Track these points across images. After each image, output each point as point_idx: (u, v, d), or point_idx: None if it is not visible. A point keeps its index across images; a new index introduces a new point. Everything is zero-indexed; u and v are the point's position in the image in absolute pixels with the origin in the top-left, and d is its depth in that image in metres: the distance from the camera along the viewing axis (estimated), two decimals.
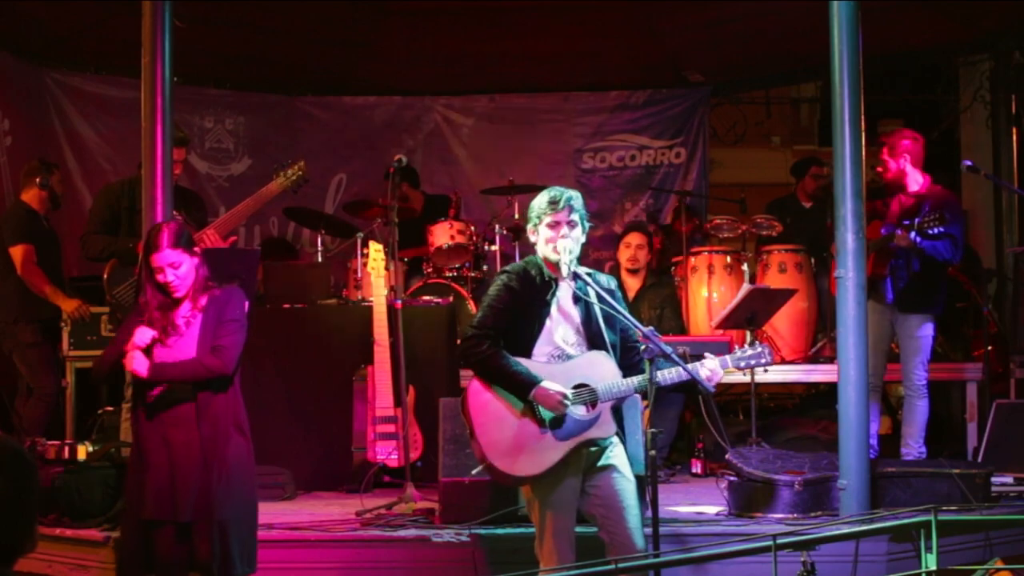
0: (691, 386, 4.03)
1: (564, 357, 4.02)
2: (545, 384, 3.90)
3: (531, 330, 4.02)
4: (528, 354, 4.01)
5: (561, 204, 4.02)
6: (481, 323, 4.04)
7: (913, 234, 5.83)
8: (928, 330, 6.11)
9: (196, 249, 4.38)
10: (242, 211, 6.17)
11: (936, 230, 5.79)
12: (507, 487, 4.24)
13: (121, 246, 5.82)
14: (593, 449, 4.00)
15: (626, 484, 4.02)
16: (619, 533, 3.96)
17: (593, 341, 4.04)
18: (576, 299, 4.07)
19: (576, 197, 4.08)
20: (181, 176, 6.35)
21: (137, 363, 4.20)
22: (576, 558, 3.96)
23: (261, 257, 6.94)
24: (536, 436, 3.93)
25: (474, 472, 4.23)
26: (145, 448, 4.28)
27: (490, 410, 3.98)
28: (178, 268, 4.26)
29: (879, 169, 6.19)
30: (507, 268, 4.18)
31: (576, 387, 3.95)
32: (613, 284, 4.16)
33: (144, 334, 4.25)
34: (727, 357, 4.08)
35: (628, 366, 4.05)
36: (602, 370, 3.99)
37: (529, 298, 4.04)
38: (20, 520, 2.29)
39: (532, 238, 4.13)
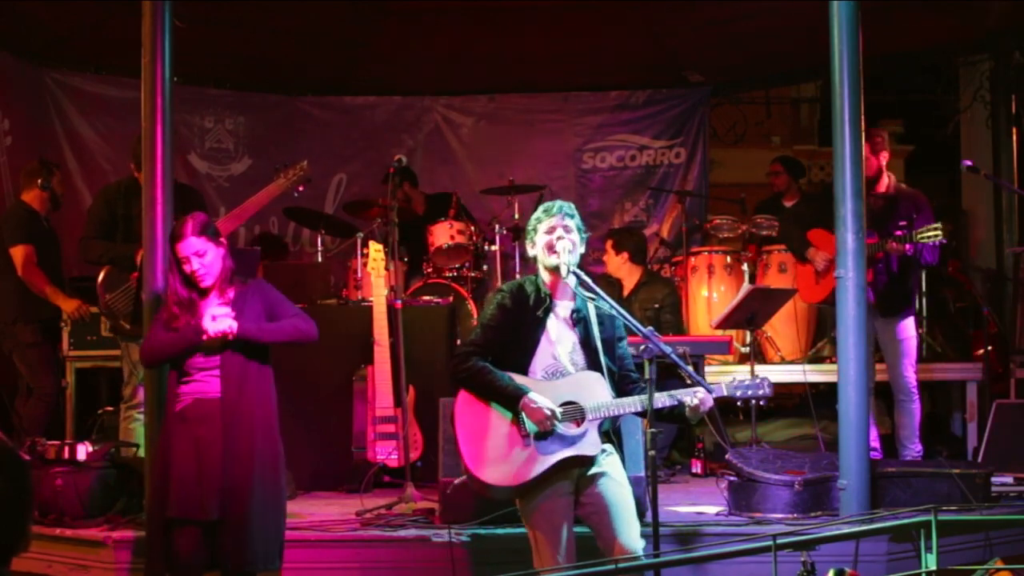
0: (678, 415, 4.00)
1: (560, 374, 4.02)
2: (532, 396, 3.90)
3: (527, 346, 4.03)
4: (524, 370, 4.01)
5: (554, 209, 4.07)
6: (471, 341, 4.08)
7: (908, 245, 5.77)
8: (911, 330, 6.10)
9: (222, 240, 4.42)
10: (244, 211, 6.16)
11: (937, 243, 5.73)
12: (493, 498, 4.23)
13: (119, 252, 5.81)
14: (580, 467, 3.98)
15: (618, 489, 4.00)
16: (609, 538, 3.94)
17: (591, 359, 4.04)
18: (575, 321, 4.07)
19: (569, 206, 4.11)
20: (180, 175, 6.35)
21: (228, 323, 4.23)
22: (576, 559, 3.95)
23: (261, 256, 6.94)
24: (518, 449, 3.94)
25: (457, 481, 4.22)
26: (173, 447, 4.29)
27: (475, 421, 4.00)
28: (203, 256, 4.31)
29: None
30: (503, 286, 4.21)
31: (564, 404, 3.95)
32: (610, 309, 4.11)
33: (218, 309, 4.28)
34: (722, 384, 4.06)
35: (620, 394, 4.04)
36: (593, 389, 3.98)
37: (523, 315, 4.05)
38: (18, 520, 2.29)
39: (531, 252, 4.15)
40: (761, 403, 4.19)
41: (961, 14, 7.97)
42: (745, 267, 7.57)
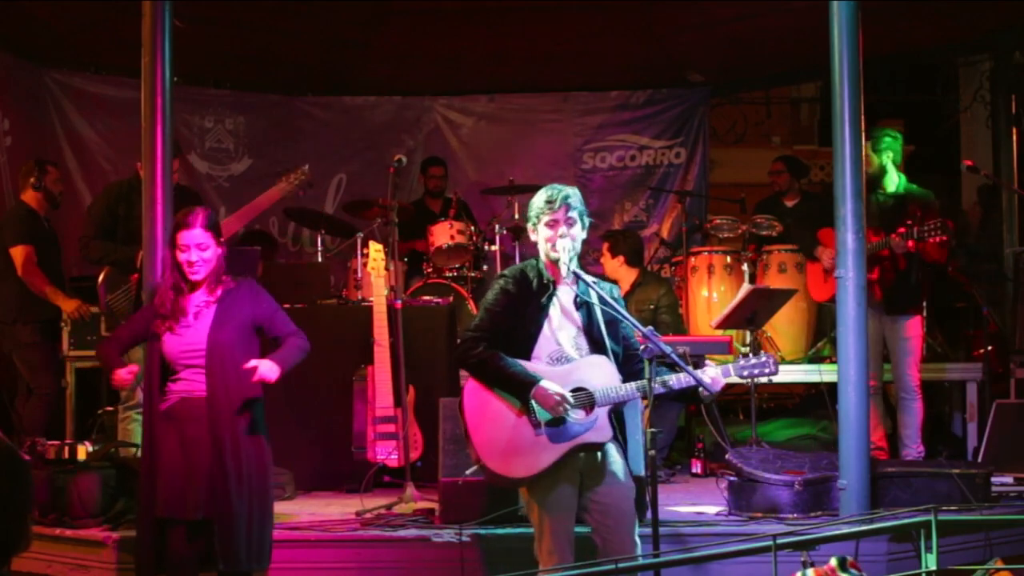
0: (691, 394, 3.98)
1: (564, 360, 3.98)
2: (544, 384, 3.87)
3: (529, 332, 3.99)
4: (527, 356, 3.98)
5: (557, 203, 3.99)
6: (477, 326, 4.03)
7: (911, 242, 5.78)
8: (917, 329, 6.12)
9: (223, 241, 4.44)
10: (245, 214, 6.17)
11: (939, 239, 5.74)
12: (506, 487, 4.23)
13: (120, 255, 5.81)
14: (589, 454, 3.97)
15: (626, 491, 3.99)
16: (614, 541, 3.93)
17: (595, 345, 4.01)
18: (578, 303, 4.04)
19: (573, 194, 4.04)
20: (181, 176, 6.36)
21: (271, 371, 4.27)
22: (575, 558, 3.94)
23: (260, 257, 6.94)
24: (531, 438, 3.90)
25: (468, 472, 4.20)
26: (159, 447, 4.29)
27: (486, 410, 3.96)
28: (204, 250, 4.32)
29: None
30: (505, 271, 4.16)
31: (574, 390, 3.92)
32: (616, 292, 4.14)
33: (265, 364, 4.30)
34: (730, 366, 4.02)
35: (629, 374, 4.01)
36: (600, 374, 3.95)
37: (526, 301, 4.01)
38: (18, 520, 2.29)
39: (533, 237, 4.12)
40: (769, 380, 4.15)
41: (961, 14, 7.98)
42: (745, 267, 7.56)
